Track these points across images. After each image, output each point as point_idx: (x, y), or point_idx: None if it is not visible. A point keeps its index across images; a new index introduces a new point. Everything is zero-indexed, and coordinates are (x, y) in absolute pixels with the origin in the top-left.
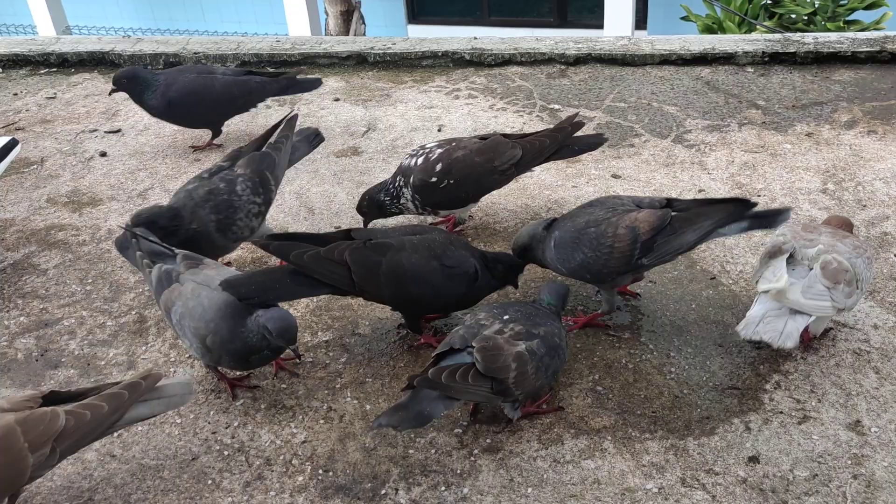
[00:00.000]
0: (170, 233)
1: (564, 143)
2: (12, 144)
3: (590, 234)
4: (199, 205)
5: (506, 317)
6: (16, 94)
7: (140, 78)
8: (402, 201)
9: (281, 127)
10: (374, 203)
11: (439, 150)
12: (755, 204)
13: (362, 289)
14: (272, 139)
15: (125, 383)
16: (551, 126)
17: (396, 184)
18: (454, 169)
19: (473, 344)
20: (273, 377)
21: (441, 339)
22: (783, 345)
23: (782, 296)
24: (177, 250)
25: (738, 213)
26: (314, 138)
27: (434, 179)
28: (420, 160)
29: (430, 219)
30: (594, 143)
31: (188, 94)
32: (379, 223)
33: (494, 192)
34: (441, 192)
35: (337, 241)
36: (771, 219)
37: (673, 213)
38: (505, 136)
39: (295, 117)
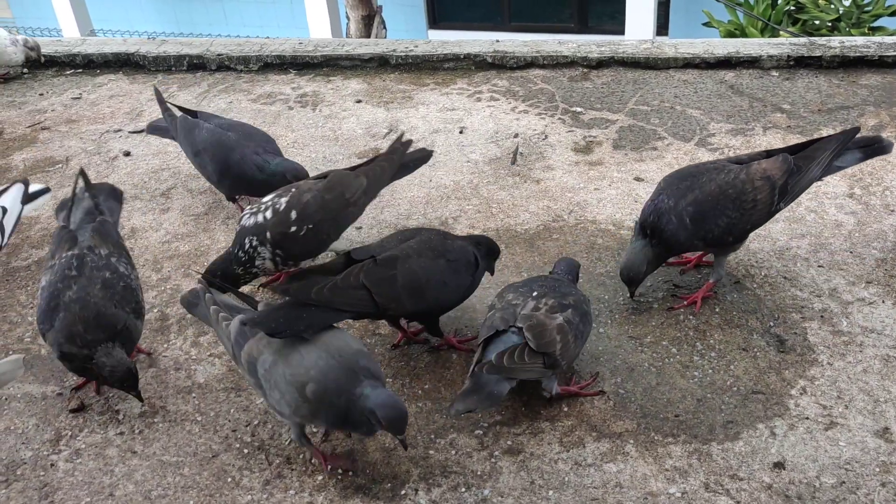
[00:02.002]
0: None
1: (401, 162)
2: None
3: (729, 195)
4: (106, 306)
5: (535, 293)
6: (42, 95)
7: None
8: (257, 263)
9: (79, 187)
10: (227, 277)
11: (285, 199)
12: (858, 129)
13: (385, 307)
14: (84, 205)
15: None
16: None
17: (246, 248)
18: (309, 213)
19: (519, 324)
20: None
21: (462, 340)
22: None
23: None
24: (257, 297)
25: (848, 139)
26: (114, 192)
27: (293, 229)
28: (269, 214)
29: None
30: (423, 157)
31: None
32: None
33: (516, 195)
34: (303, 240)
35: (346, 267)
36: (880, 145)
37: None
38: (349, 170)
39: (83, 172)
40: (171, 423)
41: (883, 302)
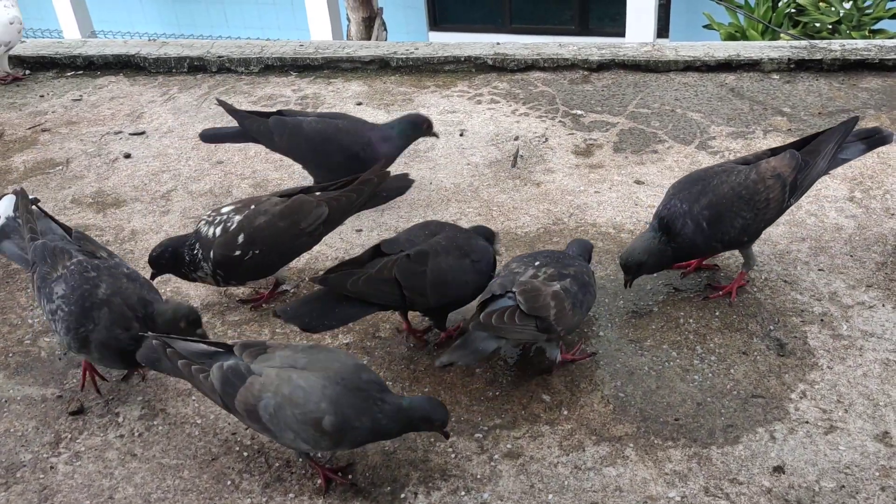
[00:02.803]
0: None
1: (374, 193)
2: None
3: (743, 196)
4: (144, 295)
5: (536, 262)
6: (42, 96)
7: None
8: (199, 273)
9: (27, 208)
10: (176, 258)
11: (238, 218)
12: (857, 118)
13: (412, 301)
14: (31, 225)
15: None
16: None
17: (195, 251)
18: (258, 238)
19: (514, 289)
20: None
21: (456, 328)
22: None
23: None
24: (231, 341)
25: (849, 129)
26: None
27: (238, 253)
28: (218, 230)
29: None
30: (402, 186)
31: None
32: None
33: (516, 198)
34: (247, 264)
35: (373, 258)
36: (881, 136)
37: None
38: (307, 190)
39: (24, 193)
40: (170, 425)
41: (883, 306)
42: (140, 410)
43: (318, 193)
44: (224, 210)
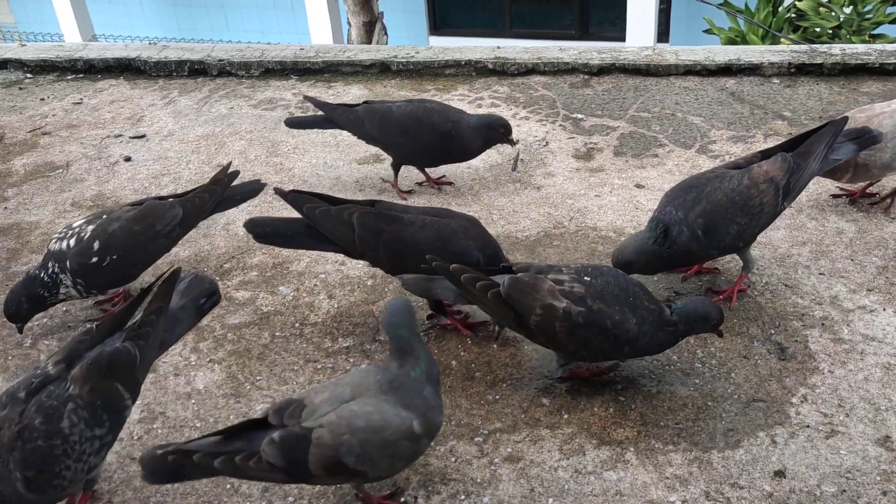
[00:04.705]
0: None
1: (224, 194)
2: None
3: (737, 202)
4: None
5: (586, 278)
6: (43, 99)
7: None
8: (62, 290)
9: (155, 292)
10: (32, 300)
11: (91, 227)
12: (847, 118)
13: (363, 251)
14: (140, 315)
15: None
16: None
17: (50, 272)
18: (113, 244)
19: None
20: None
21: (466, 322)
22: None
23: None
24: (260, 409)
25: (839, 129)
26: (205, 301)
27: (95, 259)
28: (72, 241)
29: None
30: (254, 189)
31: None
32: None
33: (517, 202)
34: (105, 270)
35: (354, 205)
36: (871, 136)
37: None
38: (160, 197)
39: (178, 273)
40: (170, 429)
41: (884, 310)
42: (139, 413)
43: (170, 199)
44: (75, 224)
